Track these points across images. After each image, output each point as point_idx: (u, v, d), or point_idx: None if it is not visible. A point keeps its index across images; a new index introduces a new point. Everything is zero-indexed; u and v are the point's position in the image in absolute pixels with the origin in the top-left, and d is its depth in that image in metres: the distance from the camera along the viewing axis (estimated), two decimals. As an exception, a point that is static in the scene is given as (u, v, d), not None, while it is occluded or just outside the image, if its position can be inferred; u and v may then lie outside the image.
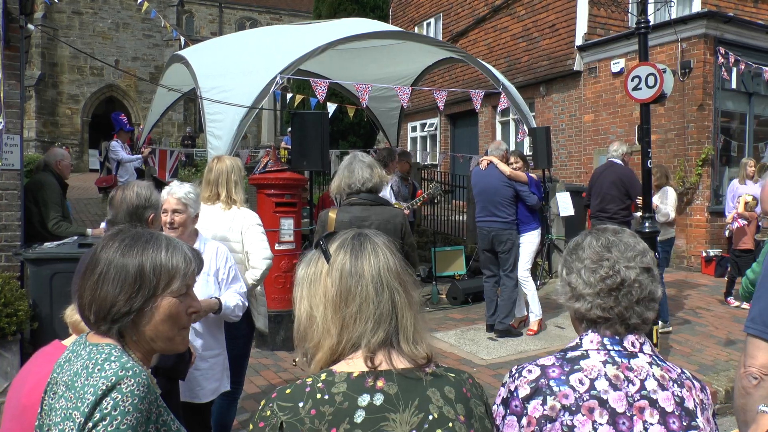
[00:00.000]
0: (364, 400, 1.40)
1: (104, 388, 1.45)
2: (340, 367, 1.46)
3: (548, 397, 1.60)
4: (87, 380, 1.49)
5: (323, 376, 1.45)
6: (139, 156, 10.55)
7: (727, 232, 9.14)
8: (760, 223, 8.68)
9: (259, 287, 4.28)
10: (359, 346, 1.47)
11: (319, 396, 1.41)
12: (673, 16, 11.57)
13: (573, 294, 1.72)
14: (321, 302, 1.51)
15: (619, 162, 7.60)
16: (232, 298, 3.54)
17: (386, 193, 8.40)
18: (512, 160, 7.37)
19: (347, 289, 1.49)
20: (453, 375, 1.53)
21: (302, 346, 1.56)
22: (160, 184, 3.73)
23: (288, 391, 1.44)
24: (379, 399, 1.41)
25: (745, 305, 7.32)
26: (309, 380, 1.45)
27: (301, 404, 1.40)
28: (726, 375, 6.15)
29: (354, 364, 1.46)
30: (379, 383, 1.43)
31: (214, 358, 3.62)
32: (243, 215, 4.23)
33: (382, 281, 1.50)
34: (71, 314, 2.35)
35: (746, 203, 8.61)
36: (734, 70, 11.02)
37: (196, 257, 1.75)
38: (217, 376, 3.64)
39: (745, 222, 8.58)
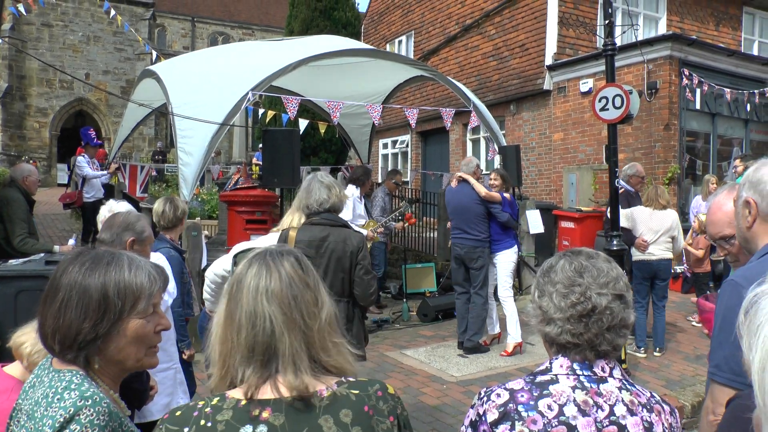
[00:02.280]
0: (246, 431, 1.35)
1: (62, 420, 1.42)
2: (234, 393, 1.41)
3: (516, 422, 1.58)
4: (46, 411, 1.45)
5: (215, 400, 1.41)
6: (104, 172, 10.34)
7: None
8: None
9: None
10: (237, 377, 1.42)
11: (203, 422, 1.36)
12: (640, 38, 11.81)
13: (544, 317, 1.69)
14: (216, 323, 1.47)
15: (623, 183, 7.65)
16: None
17: (361, 210, 8.43)
18: (492, 176, 7.43)
19: (230, 312, 1.44)
20: (357, 392, 1.45)
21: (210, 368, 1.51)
22: (130, 200, 3.74)
23: (178, 413, 1.41)
24: (262, 430, 1.36)
25: None
26: (201, 403, 1.41)
27: (186, 429, 1.37)
28: (692, 390, 6.24)
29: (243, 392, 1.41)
30: (265, 414, 1.37)
31: (162, 372, 3.60)
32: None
33: (256, 306, 1.42)
34: (17, 339, 2.24)
35: (700, 222, 8.78)
36: (698, 91, 11.28)
37: (160, 274, 1.71)
38: (167, 390, 3.62)
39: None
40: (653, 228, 7.21)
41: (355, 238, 4.06)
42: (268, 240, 4.39)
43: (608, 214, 7.62)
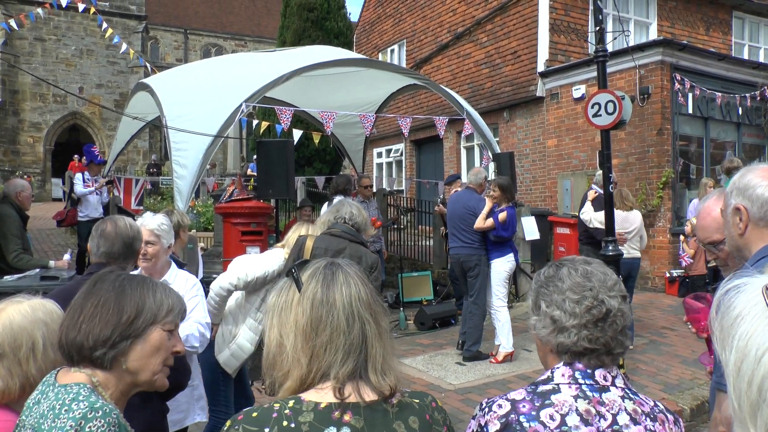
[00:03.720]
0: None
1: (71, 430, 1.42)
2: (309, 396, 1.45)
3: None
4: (54, 422, 1.45)
5: (291, 403, 1.43)
6: (92, 189, 9.99)
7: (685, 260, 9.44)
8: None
9: (239, 324, 4.25)
10: (328, 377, 1.46)
11: (285, 423, 1.39)
12: (631, 44, 11.86)
13: (555, 327, 1.66)
14: (291, 331, 1.50)
15: (595, 187, 8.03)
16: (187, 328, 3.44)
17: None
18: (492, 186, 7.45)
19: (318, 318, 1.48)
20: (417, 401, 1.53)
21: (270, 374, 1.54)
22: (125, 214, 3.75)
23: (255, 414, 1.42)
24: None
25: None
26: (276, 405, 1.43)
27: (267, 429, 1.39)
28: (690, 393, 6.24)
29: (322, 395, 1.44)
30: (346, 417, 1.42)
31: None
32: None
33: (353, 311, 1.49)
34: None
35: (693, 225, 8.83)
36: (690, 95, 11.33)
37: (181, 302, 1.79)
38: (181, 407, 3.58)
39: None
40: (624, 228, 7.56)
41: (370, 257, 4.12)
42: (273, 255, 4.40)
43: (582, 219, 7.97)
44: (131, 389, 1.67)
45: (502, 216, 7.11)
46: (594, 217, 7.75)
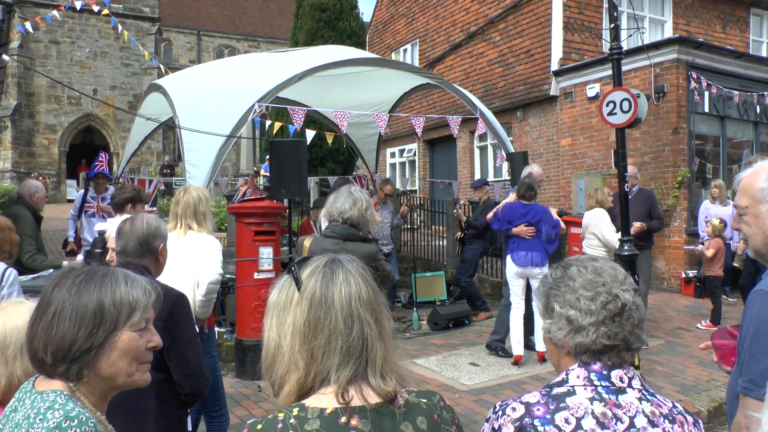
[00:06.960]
0: None
1: None
2: (312, 402, 1.40)
3: None
4: None
5: (295, 411, 1.39)
6: (72, 234, 9.01)
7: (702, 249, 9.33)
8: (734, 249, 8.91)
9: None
10: (329, 381, 1.42)
11: None
12: (646, 42, 11.76)
13: (572, 327, 1.63)
14: (289, 332, 1.45)
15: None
16: None
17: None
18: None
19: (316, 319, 1.43)
20: (425, 401, 1.49)
21: (269, 376, 1.50)
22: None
23: (259, 426, 1.38)
24: None
25: None
26: (281, 415, 1.39)
27: None
28: (707, 395, 6.17)
29: (326, 399, 1.40)
30: (353, 421, 1.38)
31: None
32: (202, 239, 4.26)
33: (352, 312, 1.44)
34: None
35: (714, 227, 8.75)
36: (706, 94, 11.20)
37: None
38: None
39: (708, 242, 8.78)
40: (582, 228, 7.87)
41: (365, 248, 4.03)
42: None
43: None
44: (109, 393, 1.62)
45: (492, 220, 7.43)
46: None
